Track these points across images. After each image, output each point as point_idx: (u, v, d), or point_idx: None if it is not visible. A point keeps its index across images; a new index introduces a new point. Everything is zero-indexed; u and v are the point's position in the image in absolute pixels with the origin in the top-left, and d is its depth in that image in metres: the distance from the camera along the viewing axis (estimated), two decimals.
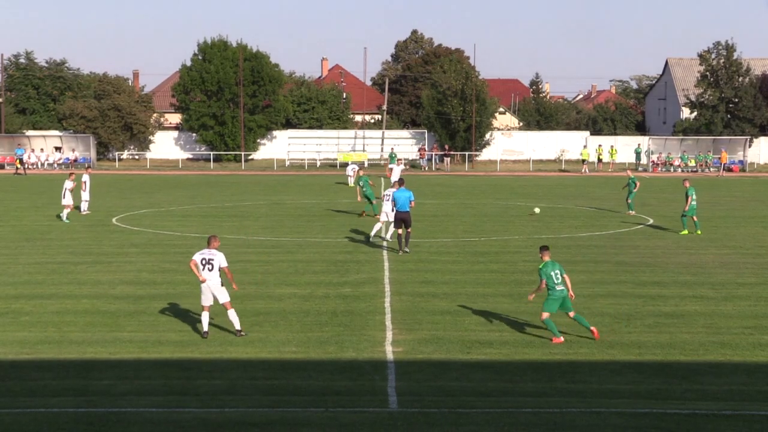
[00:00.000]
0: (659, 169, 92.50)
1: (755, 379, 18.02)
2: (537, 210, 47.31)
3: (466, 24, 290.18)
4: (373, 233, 36.99)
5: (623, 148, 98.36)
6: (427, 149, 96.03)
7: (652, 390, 17.27)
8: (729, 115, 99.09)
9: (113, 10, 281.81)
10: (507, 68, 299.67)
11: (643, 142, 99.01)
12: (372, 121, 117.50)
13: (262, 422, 15.52)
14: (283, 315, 23.41)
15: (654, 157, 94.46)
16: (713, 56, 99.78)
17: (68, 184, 44.22)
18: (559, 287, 20.84)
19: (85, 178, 46.85)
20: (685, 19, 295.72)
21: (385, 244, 35.46)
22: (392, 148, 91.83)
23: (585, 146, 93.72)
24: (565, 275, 21.08)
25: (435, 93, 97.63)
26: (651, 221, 44.14)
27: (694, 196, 39.57)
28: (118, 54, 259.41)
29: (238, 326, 21.32)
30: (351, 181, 66.73)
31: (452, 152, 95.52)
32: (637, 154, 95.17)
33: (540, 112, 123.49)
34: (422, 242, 36.40)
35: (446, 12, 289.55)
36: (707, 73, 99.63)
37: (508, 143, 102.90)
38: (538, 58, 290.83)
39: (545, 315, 20.90)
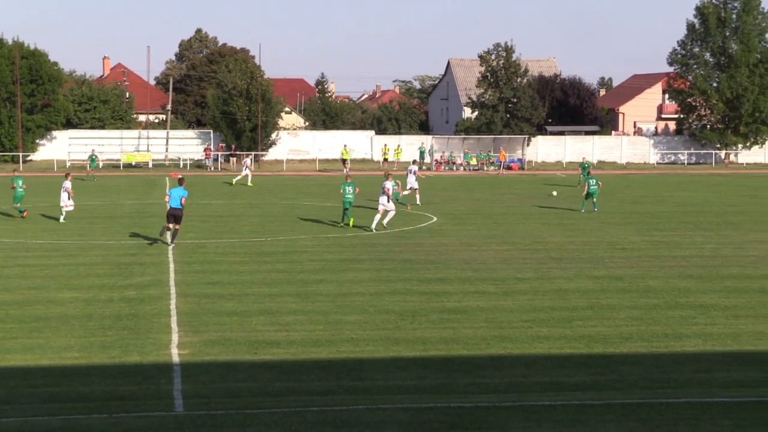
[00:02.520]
0: (442, 167, 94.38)
1: (533, 370, 18.60)
2: (555, 193, 54.01)
3: (251, 23, 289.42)
4: (374, 225, 39.88)
5: (407, 147, 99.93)
6: (212, 149, 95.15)
7: (437, 385, 17.61)
8: (508, 115, 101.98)
9: None
10: (292, 68, 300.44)
11: (427, 141, 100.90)
12: (156, 121, 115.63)
13: (42, 431, 15.06)
14: (64, 320, 22.78)
15: (437, 156, 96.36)
16: (493, 57, 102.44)
17: (68, 185, 43.86)
18: None
19: None
20: (466, 21, 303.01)
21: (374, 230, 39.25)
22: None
23: (345, 146, 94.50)
24: None
25: (220, 93, 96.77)
26: (435, 219, 45.00)
27: (349, 190, 41.17)
28: None
29: None
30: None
31: (238, 152, 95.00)
32: (421, 153, 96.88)
33: (326, 112, 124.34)
34: (208, 243, 36.09)
35: (231, 11, 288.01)
36: (487, 73, 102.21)
37: (295, 143, 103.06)
38: (324, 58, 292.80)
39: None
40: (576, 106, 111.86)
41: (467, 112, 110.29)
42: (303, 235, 38.74)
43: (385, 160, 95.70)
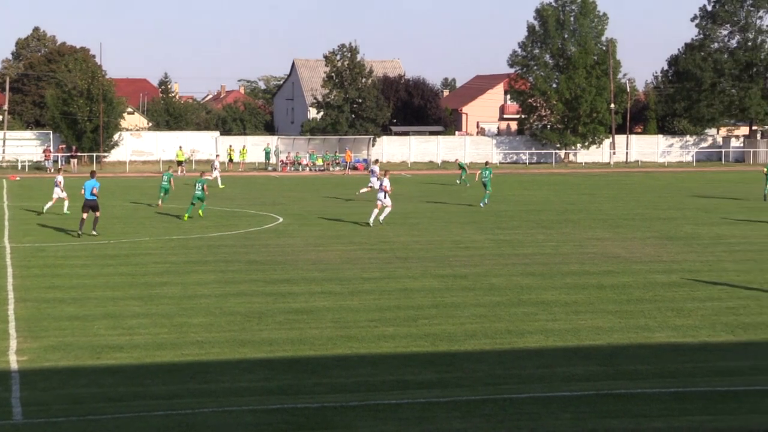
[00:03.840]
0: (288, 168, 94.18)
1: (380, 369, 18.68)
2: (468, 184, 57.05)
3: (91, 22, 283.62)
4: (371, 219, 42.31)
5: (253, 148, 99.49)
6: (52, 150, 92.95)
7: (283, 386, 17.54)
8: (354, 115, 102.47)
9: None
10: (135, 68, 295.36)
11: (273, 141, 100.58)
12: None
13: None
14: None
15: (283, 157, 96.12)
16: (338, 58, 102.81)
17: (60, 179, 48.28)
18: None
19: None
20: (311, 21, 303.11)
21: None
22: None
23: (180, 147, 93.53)
24: None
25: (60, 93, 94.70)
26: (281, 220, 44.89)
27: (198, 186, 44.84)
28: None
29: None
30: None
31: (79, 153, 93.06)
32: (266, 153, 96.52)
33: (169, 113, 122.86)
34: (48, 246, 35.23)
35: (70, 9, 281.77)
36: (332, 74, 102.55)
37: (138, 144, 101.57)
38: (167, 58, 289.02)
39: None
40: (420, 107, 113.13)
41: (313, 113, 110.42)
42: (146, 237, 38.17)
43: (231, 161, 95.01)
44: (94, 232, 37.96)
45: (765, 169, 59.75)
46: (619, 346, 20.61)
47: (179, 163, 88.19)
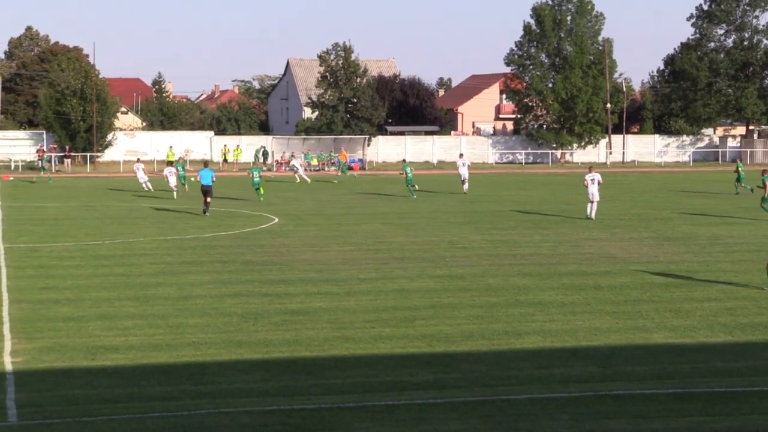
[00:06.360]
0: (283, 168, 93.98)
1: (376, 370, 18.59)
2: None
3: (84, 21, 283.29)
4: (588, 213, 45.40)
5: (247, 147, 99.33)
6: (45, 150, 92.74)
7: (280, 387, 17.45)
8: (349, 115, 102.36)
9: None
10: (128, 67, 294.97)
11: (267, 141, 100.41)
12: None
13: None
14: None
15: (278, 157, 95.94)
16: (332, 57, 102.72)
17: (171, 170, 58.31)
18: None
19: None
20: (306, 20, 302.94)
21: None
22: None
23: (171, 147, 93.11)
24: None
25: (53, 92, 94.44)
26: (276, 220, 44.79)
27: (255, 174, 54.44)
28: None
29: None
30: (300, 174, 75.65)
31: (73, 153, 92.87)
32: (256, 153, 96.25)
33: (163, 112, 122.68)
34: (43, 247, 35.10)
35: (63, 8, 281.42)
36: (327, 73, 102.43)
37: (132, 144, 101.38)
38: (161, 58, 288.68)
39: None
40: (416, 107, 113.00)
41: (307, 112, 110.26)
42: (142, 238, 38.04)
43: (225, 160, 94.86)
44: (207, 214, 44.97)
45: (736, 167, 60.80)
46: (617, 346, 20.55)
47: (169, 163, 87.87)
